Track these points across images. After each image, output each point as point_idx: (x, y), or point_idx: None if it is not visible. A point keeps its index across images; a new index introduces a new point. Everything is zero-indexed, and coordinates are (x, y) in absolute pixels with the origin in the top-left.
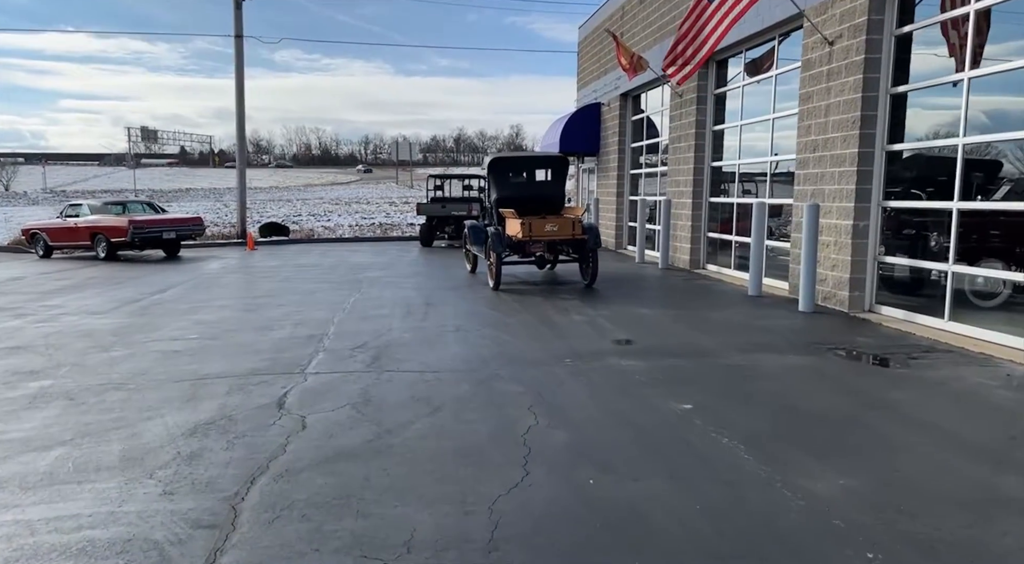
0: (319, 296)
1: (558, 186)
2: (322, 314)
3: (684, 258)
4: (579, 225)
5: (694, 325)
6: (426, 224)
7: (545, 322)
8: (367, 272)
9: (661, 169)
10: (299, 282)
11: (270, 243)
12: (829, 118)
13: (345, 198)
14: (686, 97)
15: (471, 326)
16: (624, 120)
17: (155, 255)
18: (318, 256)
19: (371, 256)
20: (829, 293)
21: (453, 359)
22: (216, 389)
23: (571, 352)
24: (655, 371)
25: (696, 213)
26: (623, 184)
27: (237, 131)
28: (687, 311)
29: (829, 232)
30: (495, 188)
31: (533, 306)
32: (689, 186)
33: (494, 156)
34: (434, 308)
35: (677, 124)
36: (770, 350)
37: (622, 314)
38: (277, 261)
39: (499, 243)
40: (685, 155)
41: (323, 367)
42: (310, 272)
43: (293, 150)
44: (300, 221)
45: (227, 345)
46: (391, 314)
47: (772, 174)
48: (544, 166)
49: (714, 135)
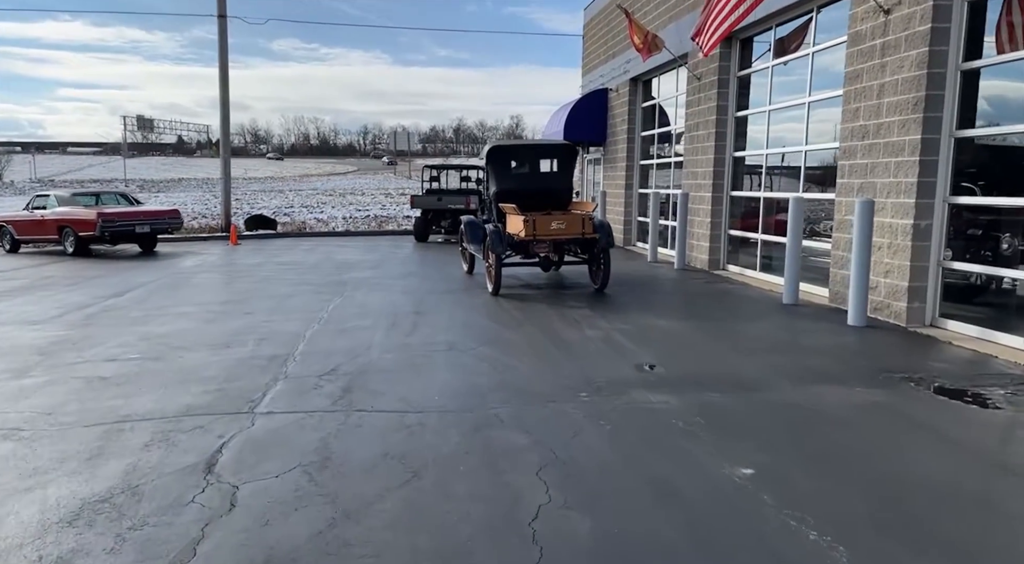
0: (295, 301)
1: (565, 178)
2: (294, 326)
3: (702, 258)
4: (589, 223)
5: (728, 343)
6: (421, 218)
7: (552, 338)
8: (354, 271)
9: (675, 159)
10: (277, 284)
11: (256, 237)
12: (883, 100)
13: (339, 189)
14: (705, 80)
15: (466, 343)
16: (634, 107)
17: (129, 250)
18: (303, 252)
19: (361, 252)
20: (881, 303)
21: (442, 391)
22: (133, 439)
23: (586, 381)
24: (694, 411)
25: (716, 208)
26: (632, 176)
27: (221, 117)
28: (716, 323)
29: (882, 232)
30: (495, 180)
31: (537, 316)
32: (708, 178)
33: (493, 144)
34: (424, 318)
35: (695, 110)
36: (829, 380)
37: (641, 327)
38: (258, 258)
39: (499, 242)
40: (704, 144)
41: (279, 403)
42: (291, 271)
43: (292, 140)
44: (292, 213)
45: (169, 369)
46: (374, 326)
47: (806, 167)
48: (549, 155)
49: (737, 122)
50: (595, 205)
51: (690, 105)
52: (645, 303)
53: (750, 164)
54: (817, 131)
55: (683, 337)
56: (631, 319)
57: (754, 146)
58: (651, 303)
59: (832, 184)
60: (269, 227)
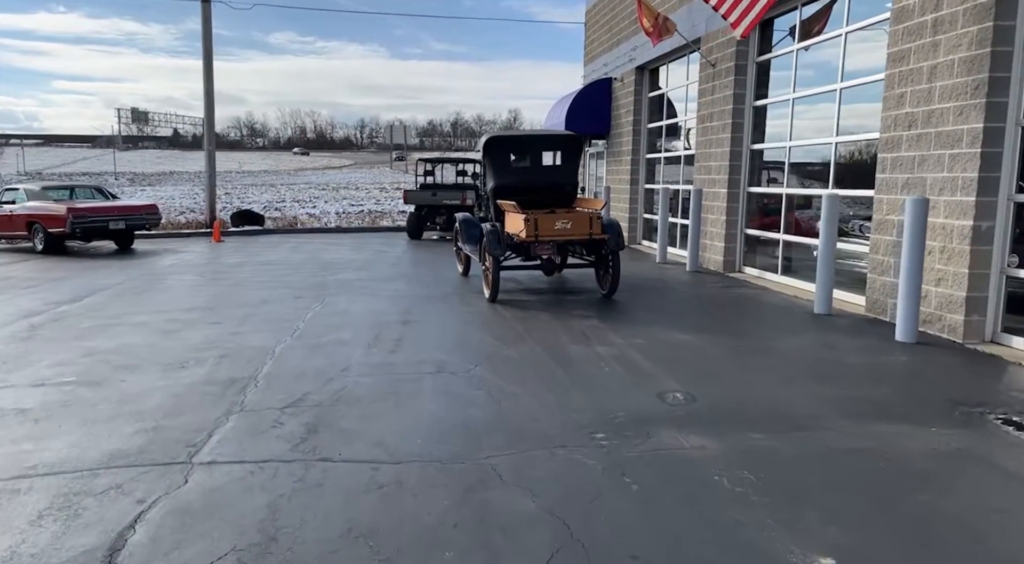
0: (270, 309)
1: (570, 172)
2: (264, 339)
3: (716, 259)
4: (597, 222)
5: (761, 363)
6: (415, 214)
7: (558, 356)
8: (339, 273)
9: (685, 153)
10: (253, 287)
11: (241, 233)
12: (935, 83)
13: (333, 183)
14: (721, 67)
15: (458, 363)
16: (640, 97)
17: (105, 248)
18: (289, 250)
19: (350, 251)
20: (931, 315)
21: (427, 431)
22: (27, 506)
23: (602, 416)
24: (737, 461)
25: (732, 206)
26: (638, 170)
27: (205, 107)
28: (742, 338)
29: (934, 235)
30: (492, 174)
31: (540, 328)
32: (724, 173)
33: (491, 135)
34: (412, 330)
35: (708, 99)
36: (893, 415)
37: (658, 342)
38: (240, 257)
39: (496, 243)
40: (719, 136)
41: (226, 449)
42: (272, 272)
43: (288, 133)
44: (283, 208)
45: (105, 399)
46: (353, 340)
47: (832, 160)
48: (553, 147)
49: (755, 112)
50: (604, 202)
51: (703, 94)
52: (659, 312)
53: (769, 158)
54: (850, 121)
55: (708, 355)
56: (645, 332)
57: (774, 138)
58: (666, 312)
59: (865, 180)
60: (256, 223)
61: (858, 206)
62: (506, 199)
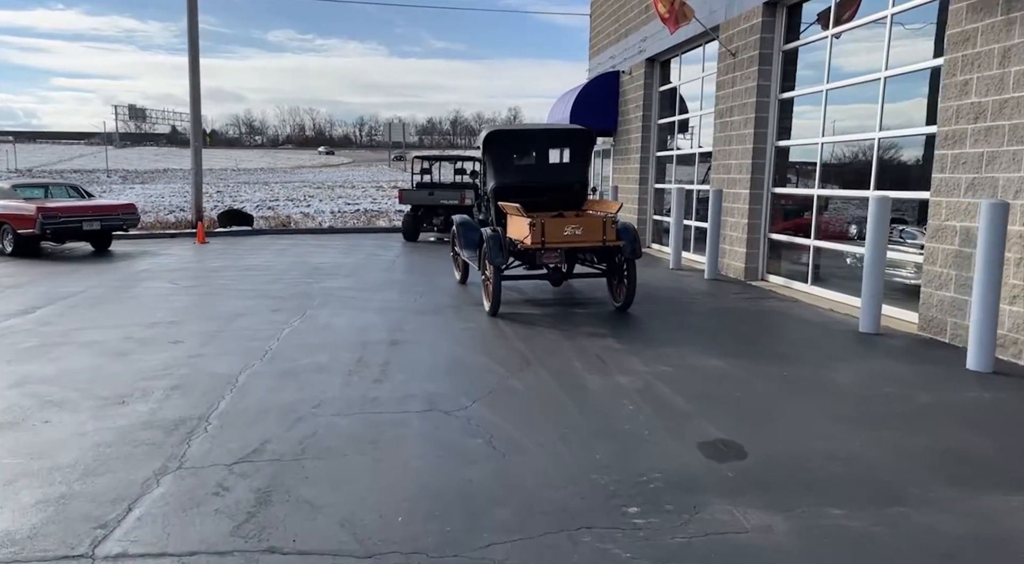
0: (243, 323)
1: (579, 170)
2: (227, 364)
3: (737, 266)
4: (612, 227)
5: (816, 399)
6: (411, 214)
7: (571, 389)
8: (326, 280)
9: (700, 150)
10: (229, 296)
11: (228, 234)
12: (1008, 69)
13: (328, 182)
14: (743, 56)
15: (452, 398)
16: (650, 91)
17: (80, 250)
18: (275, 253)
19: (341, 254)
20: (1006, 338)
21: (412, 503)
22: None
23: (633, 480)
24: (822, 558)
25: (755, 207)
26: (647, 169)
27: (191, 101)
28: (788, 365)
29: (1008, 245)
30: (493, 173)
31: (548, 349)
32: (746, 172)
33: (491, 129)
34: (401, 352)
35: (728, 92)
36: (1004, 479)
37: (689, 370)
38: (222, 260)
39: (498, 250)
40: (740, 132)
41: (144, 533)
42: (253, 279)
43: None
44: (276, 207)
45: (13, 449)
46: (332, 365)
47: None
48: (560, 142)
49: (781, 106)
50: (620, 204)
51: (722, 86)
52: (682, 329)
53: (797, 156)
54: (896, 115)
55: (750, 388)
56: (672, 355)
57: (804, 134)
58: (690, 329)
59: (912, 180)
60: (245, 223)
61: (896, 210)
62: (508, 200)
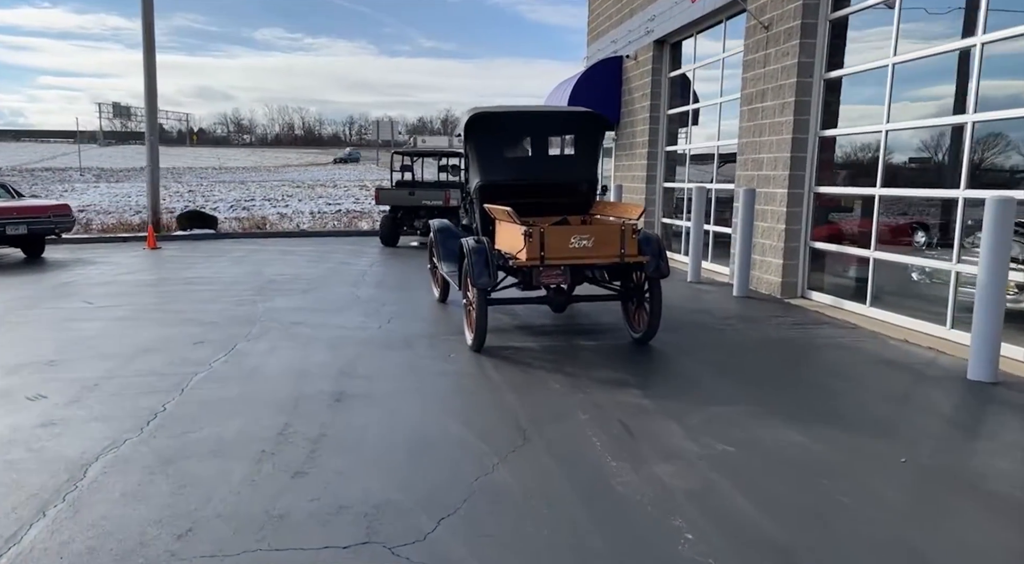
0: (142, 365)
1: (587, 165)
2: (86, 441)
3: (771, 280)
4: (632, 238)
5: (986, 514)
6: (389, 216)
7: (591, 497)
8: (278, 296)
9: (720, 144)
10: (147, 322)
11: (187, 238)
12: None
13: (313, 181)
14: (778, 28)
15: (406, 516)
16: (658, 77)
17: (9, 257)
18: (231, 261)
19: (306, 262)
20: None
21: None
22: None
23: None
24: None
25: (793, 211)
26: (655, 166)
27: (145, 90)
28: (900, 440)
29: None
30: (478, 167)
31: (551, 412)
32: (782, 168)
33: (476, 110)
34: (344, 416)
35: (759, 73)
36: None
37: (759, 450)
38: (165, 270)
39: (483, 267)
40: (775, 120)
41: None
42: (191, 295)
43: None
44: (252, 207)
45: None
46: (237, 443)
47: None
48: (563, 129)
49: (827, 87)
50: (643, 208)
51: (750, 67)
52: (728, 373)
53: (849, 147)
54: (998, 92)
55: (865, 490)
56: (726, 419)
57: (858, 121)
58: (738, 373)
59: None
60: (208, 226)
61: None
62: (497, 202)
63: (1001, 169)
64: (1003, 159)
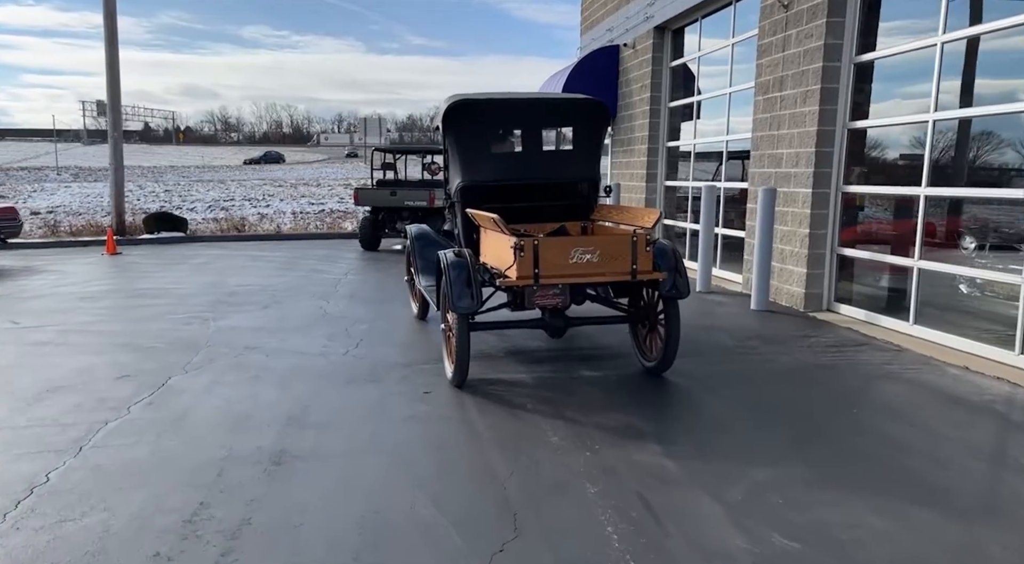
0: (41, 412)
1: (588, 161)
2: None
3: (793, 291)
4: (647, 252)
5: None
6: (370, 218)
7: None
8: (233, 314)
9: (729, 138)
10: (70, 347)
11: (155, 242)
12: None
13: (296, 179)
14: (799, 6)
15: None
16: (659, 67)
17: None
18: (192, 269)
19: (276, 270)
20: None
21: None
22: None
23: None
24: None
25: (819, 213)
26: (656, 163)
27: (108, 82)
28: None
29: None
30: (460, 166)
31: (549, 481)
32: (806, 164)
33: (457, 98)
34: (280, 490)
35: (778, 58)
36: None
37: (831, 544)
38: (115, 281)
39: (464, 288)
40: (797, 110)
41: None
42: (133, 313)
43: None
44: (231, 207)
45: None
46: (124, 535)
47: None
48: (560, 119)
49: (858, 72)
50: (660, 214)
51: (767, 51)
52: (767, 417)
53: (883, 140)
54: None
55: None
56: (777, 492)
57: (896, 111)
58: (779, 417)
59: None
60: (177, 228)
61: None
62: (482, 206)
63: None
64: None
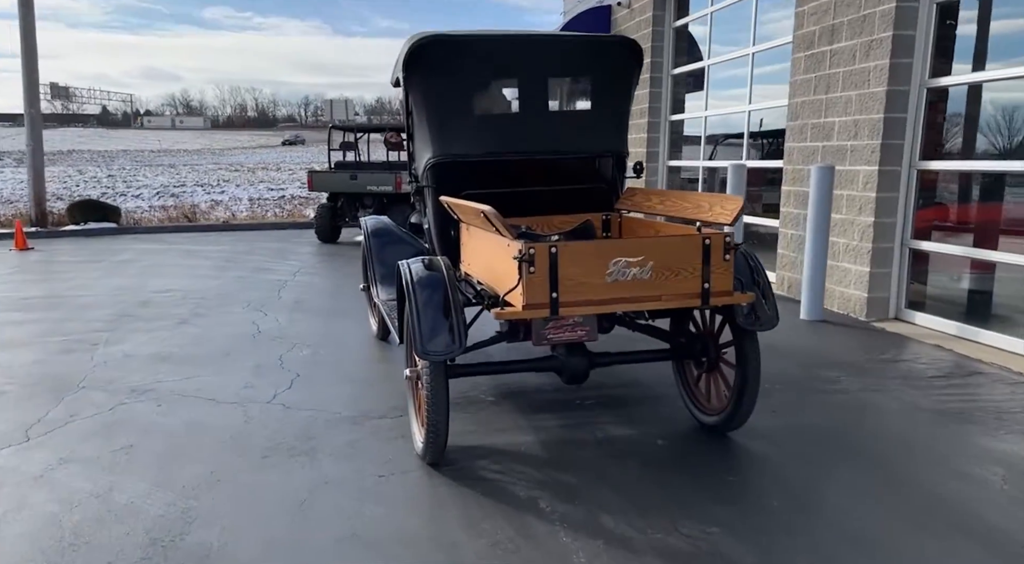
0: None
1: (612, 127)
2: None
3: (852, 294)
4: (726, 264)
5: None
6: (327, 206)
7: None
8: (136, 333)
9: (751, 109)
10: None
11: (79, 234)
12: None
13: (251, 164)
14: None
15: None
16: (660, 28)
17: None
18: (110, 268)
19: (210, 269)
20: None
21: None
22: None
23: None
24: None
25: (886, 197)
26: (658, 140)
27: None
28: None
29: None
30: (431, 134)
31: None
32: (868, 135)
33: (424, 36)
34: None
35: (826, 2)
36: None
37: None
38: (9, 285)
39: (440, 318)
40: (853, 67)
41: None
42: (11, 329)
43: (227, 112)
44: (182, 194)
45: None
46: None
47: None
48: (574, 67)
49: (941, 13)
50: (741, 203)
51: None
52: (908, 522)
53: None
54: None
55: None
56: None
57: (994, 62)
58: (929, 518)
59: None
60: (107, 218)
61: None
62: (463, 191)
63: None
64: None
